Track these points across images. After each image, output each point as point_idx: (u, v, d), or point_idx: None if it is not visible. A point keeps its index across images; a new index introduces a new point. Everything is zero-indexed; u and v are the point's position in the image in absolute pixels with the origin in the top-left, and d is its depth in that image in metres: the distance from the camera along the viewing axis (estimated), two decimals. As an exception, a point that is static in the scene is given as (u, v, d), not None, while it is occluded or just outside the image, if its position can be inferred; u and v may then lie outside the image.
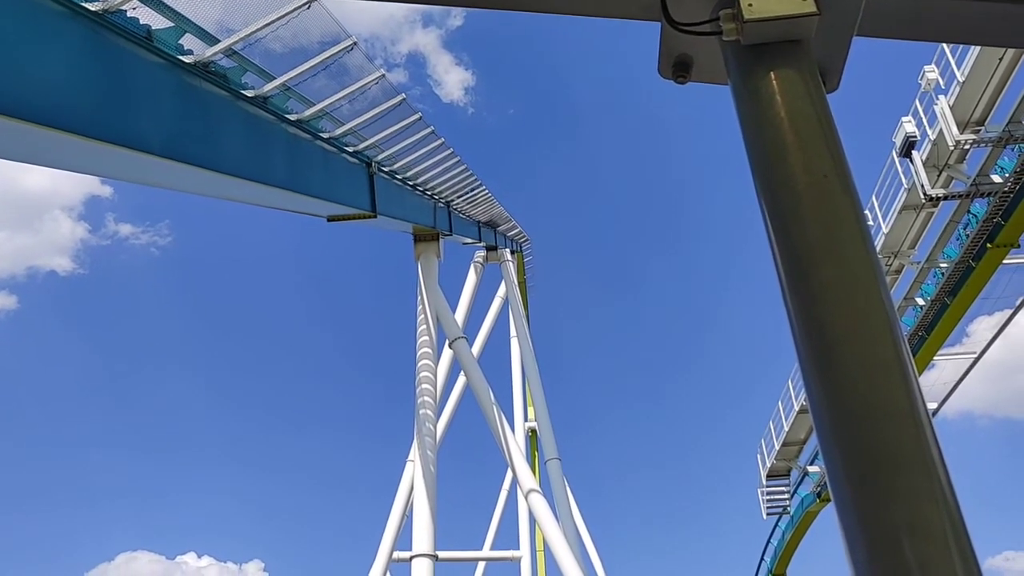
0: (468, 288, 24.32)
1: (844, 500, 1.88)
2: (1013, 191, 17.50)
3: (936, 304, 20.87)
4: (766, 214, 2.27)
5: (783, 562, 34.28)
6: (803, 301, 2.06)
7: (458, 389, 26.08)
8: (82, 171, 7.63)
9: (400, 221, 15.77)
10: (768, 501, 32.74)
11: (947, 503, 1.81)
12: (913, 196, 19.52)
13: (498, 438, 18.20)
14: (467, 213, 21.09)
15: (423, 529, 15.85)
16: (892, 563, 1.76)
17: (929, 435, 1.87)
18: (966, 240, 19.02)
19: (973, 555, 1.79)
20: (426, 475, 16.37)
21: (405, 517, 22.19)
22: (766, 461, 31.71)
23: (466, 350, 19.07)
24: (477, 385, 18.57)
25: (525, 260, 33.15)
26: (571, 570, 16.74)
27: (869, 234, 2.21)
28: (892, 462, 1.84)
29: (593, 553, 33.54)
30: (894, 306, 2.10)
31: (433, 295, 18.02)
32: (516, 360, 31.74)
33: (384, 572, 23.68)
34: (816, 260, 2.07)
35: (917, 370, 16.78)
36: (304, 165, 11.18)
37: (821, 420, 1.96)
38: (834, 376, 1.97)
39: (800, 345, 2.06)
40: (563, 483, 23.81)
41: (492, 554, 35.56)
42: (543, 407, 25.68)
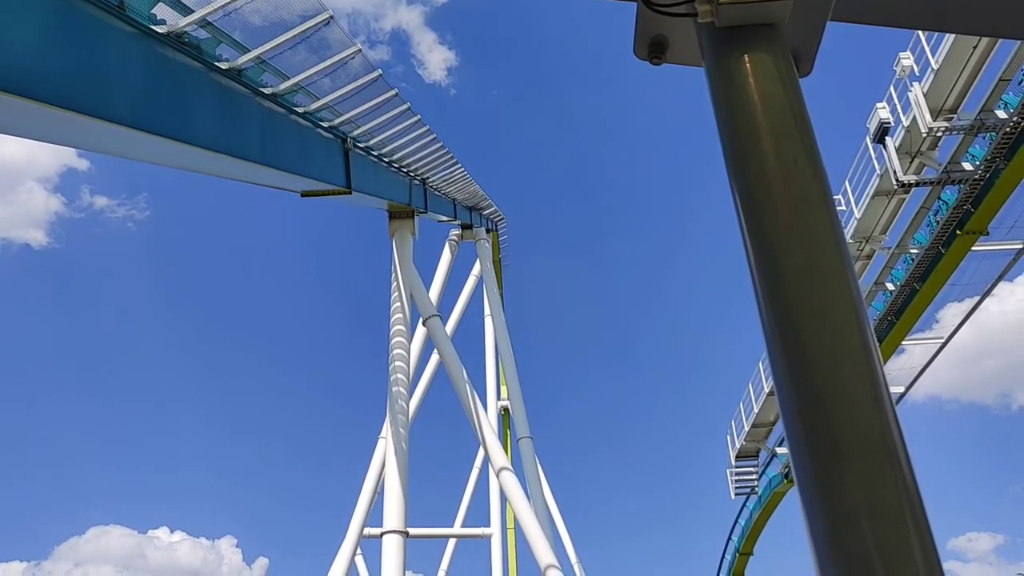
0: (443, 266, 24.27)
1: (806, 482, 1.90)
2: (983, 179, 17.70)
3: (906, 289, 21.10)
4: (737, 197, 2.28)
5: (750, 541, 34.74)
6: (771, 285, 2.08)
7: (431, 367, 26.09)
8: (51, 141, 7.50)
9: (375, 198, 15.67)
10: (737, 481, 33.13)
11: (907, 487, 1.84)
12: (885, 182, 19.69)
13: (471, 416, 18.24)
14: (443, 191, 21.00)
15: (394, 506, 15.87)
16: (851, 545, 1.78)
17: (891, 421, 1.90)
18: (936, 227, 19.22)
19: (931, 538, 1.82)
20: (398, 452, 16.38)
21: (376, 494, 22.22)
22: (735, 442, 32.05)
23: (440, 328, 19.05)
24: (450, 363, 18.57)
25: (500, 239, 33.10)
26: (541, 547, 16.86)
27: (838, 219, 2.22)
28: (854, 446, 1.86)
29: (563, 531, 33.80)
30: (861, 292, 2.12)
31: (407, 272, 17.96)
32: (490, 339, 31.78)
33: (355, 548, 23.73)
34: (785, 245, 2.09)
35: (885, 355, 16.97)
36: (278, 139, 11.06)
37: (787, 404, 1.98)
38: (800, 361, 1.99)
39: (768, 329, 2.08)
40: (534, 462, 23.92)
41: (463, 531, 35.74)
42: (516, 386, 25.75)
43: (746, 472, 32.93)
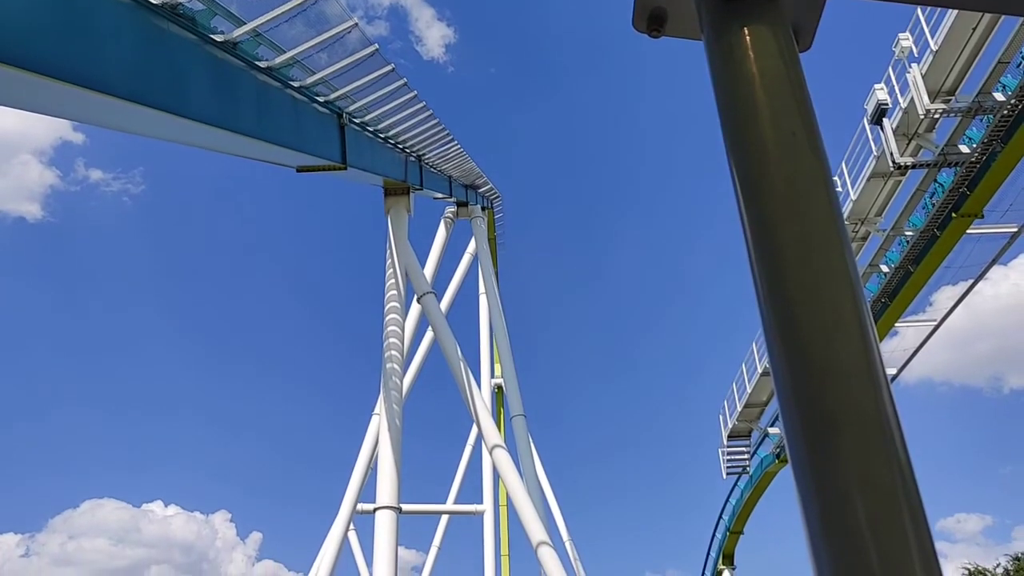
0: (438, 243, 24.24)
1: (799, 457, 1.90)
2: (980, 162, 17.68)
3: (900, 272, 21.14)
4: (734, 171, 2.26)
5: (741, 520, 34.99)
6: (767, 260, 2.06)
7: (425, 344, 26.13)
8: (45, 112, 7.44)
9: (370, 174, 15.61)
10: (728, 461, 33.31)
11: (900, 463, 1.84)
12: (882, 164, 19.67)
13: (464, 394, 18.27)
14: (438, 168, 20.92)
15: (387, 482, 15.92)
16: (844, 520, 1.78)
17: (885, 396, 1.89)
18: (932, 209, 19.22)
19: (923, 513, 1.82)
20: (391, 428, 16.40)
21: (370, 470, 22.32)
22: (728, 422, 32.19)
23: (434, 305, 19.05)
24: (444, 340, 18.58)
25: (496, 217, 33.05)
26: (533, 524, 16.96)
27: (835, 194, 2.21)
28: (848, 421, 1.86)
29: (555, 508, 34.00)
30: (857, 266, 2.12)
31: (402, 249, 17.92)
32: (484, 317, 31.80)
33: (348, 523, 23.89)
34: (781, 218, 2.07)
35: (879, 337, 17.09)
36: (273, 114, 10.99)
37: (780, 378, 1.97)
38: (794, 335, 1.98)
39: (763, 303, 2.07)
40: (527, 439, 24.01)
41: (456, 507, 35.93)
42: (510, 364, 25.81)
43: (738, 452, 33.10)
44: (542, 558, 16.51)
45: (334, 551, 23.61)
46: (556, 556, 16.67)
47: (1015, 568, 49.70)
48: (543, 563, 16.54)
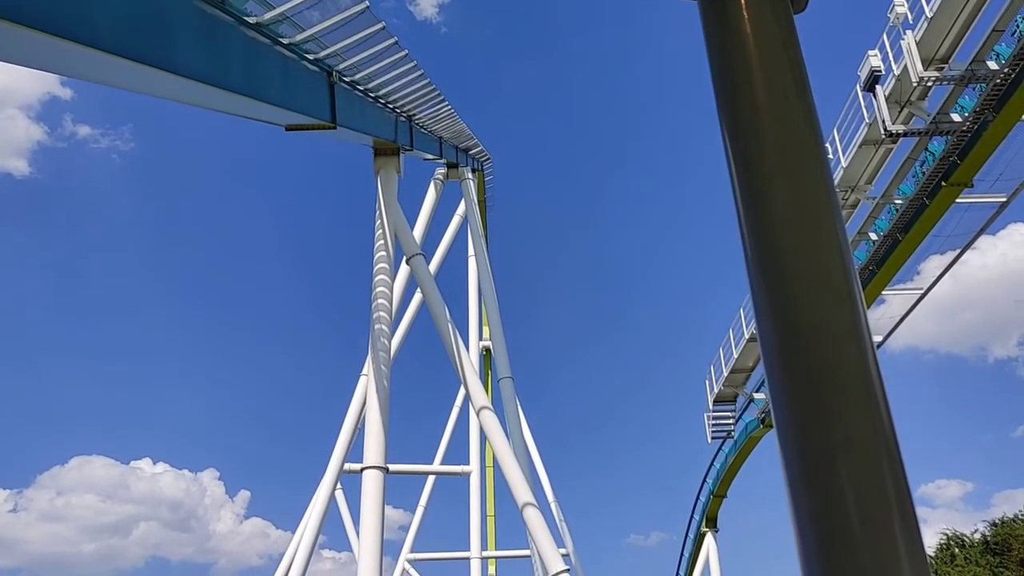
0: (427, 205, 24.10)
1: (784, 417, 1.91)
2: (971, 131, 17.67)
3: (888, 240, 21.19)
4: (725, 132, 2.25)
5: (725, 484, 35.38)
6: (756, 221, 2.07)
7: (414, 306, 26.11)
8: (29, 65, 7.32)
9: (360, 133, 15.47)
10: (714, 425, 33.62)
11: (882, 424, 1.86)
12: (874, 131, 19.63)
13: (452, 356, 18.30)
14: (429, 129, 20.75)
15: (374, 442, 15.98)
16: (825, 479, 1.80)
17: (870, 358, 1.91)
18: (922, 178, 19.23)
19: (904, 474, 1.84)
20: (379, 389, 16.43)
21: (357, 430, 22.41)
22: (714, 387, 32.43)
23: (423, 267, 18.99)
24: (433, 302, 18.56)
25: (486, 179, 32.92)
26: (519, 485, 17.09)
27: (825, 157, 2.20)
28: (832, 382, 1.87)
29: (541, 470, 34.29)
30: (845, 227, 2.12)
31: (392, 210, 17.82)
32: (473, 279, 31.77)
33: (335, 483, 24.03)
34: (771, 179, 2.07)
35: (866, 303, 17.10)
36: (262, 71, 10.85)
37: (767, 339, 1.98)
38: (782, 296, 1.98)
39: (751, 264, 2.07)
40: (515, 401, 24.11)
41: (442, 468, 36.18)
42: (498, 326, 25.83)
43: (723, 417, 33.39)
44: (527, 519, 16.66)
45: (321, 510, 23.79)
46: (541, 517, 16.83)
47: (993, 534, 50.48)
48: (528, 524, 16.69)
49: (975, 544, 51.77)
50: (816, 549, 1.83)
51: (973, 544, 52.00)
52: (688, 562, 37.60)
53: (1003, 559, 47.99)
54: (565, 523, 33.74)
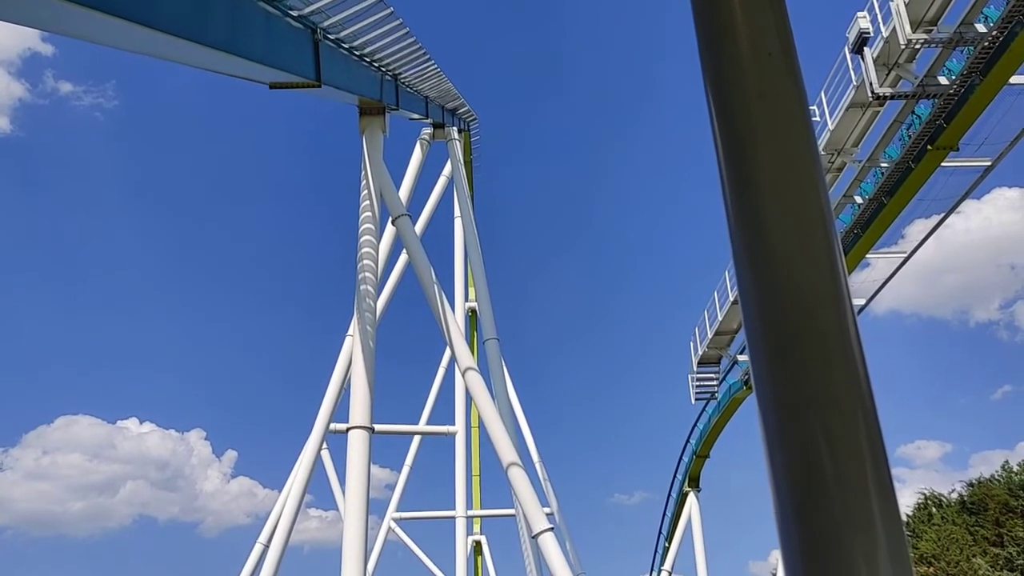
0: (413, 165, 23.94)
1: (762, 375, 1.93)
2: (958, 94, 17.66)
3: (873, 203, 21.25)
4: (709, 90, 2.24)
5: (708, 444, 35.76)
6: (738, 180, 2.06)
7: (399, 267, 26.05)
8: (3, 19, 7.19)
9: (345, 92, 15.31)
10: (697, 387, 33.88)
11: (858, 379, 1.87)
12: (861, 94, 19.59)
13: (438, 317, 18.31)
14: (415, 88, 20.56)
15: (360, 402, 16.03)
16: (801, 434, 1.82)
17: (849, 316, 1.92)
18: (908, 141, 19.25)
19: (879, 432, 1.86)
20: (364, 350, 16.45)
21: (343, 390, 22.46)
22: (698, 349, 32.64)
23: (409, 228, 18.92)
24: (419, 263, 18.53)
25: (472, 140, 32.72)
26: (504, 445, 17.21)
27: (809, 117, 2.20)
28: (810, 339, 1.88)
29: (526, 430, 34.54)
30: (828, 190, 2.12)
31: (377, 170, 17.70)
32: (459, 240, 31.71)
33: (321, 442, 24.14)
34: (754, 138, 2.06)
35: (849, 268, 17.14)
36: (245, 27, 10.69)
37: (748, 297, 1.99)
38: (763, 254, 1.99)
39: (733, 223, 2.07)
40: (500, 362, 24.19)
41: (428, 428, 36.39)
42: (484, 288, 25.83)
43: (707, 378, 33.65)
44: (512, 478, 16.80)
45: (307, 470, 23.91)
46: (526, 476, 16.98)
47: (970, 494, 51.36)
48: (513, 483, 16.84)
49: (952, 504, 52.70)
50: (791, 505, 1.85)
51: (950, 504, 52.93)
52: (670, 521, 38.11)
53: (979, 518, 48.89)
54: (550, 483, 34.08)
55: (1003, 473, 50.87)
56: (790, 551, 1.85)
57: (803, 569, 1.82)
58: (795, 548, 1.84)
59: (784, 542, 1.88)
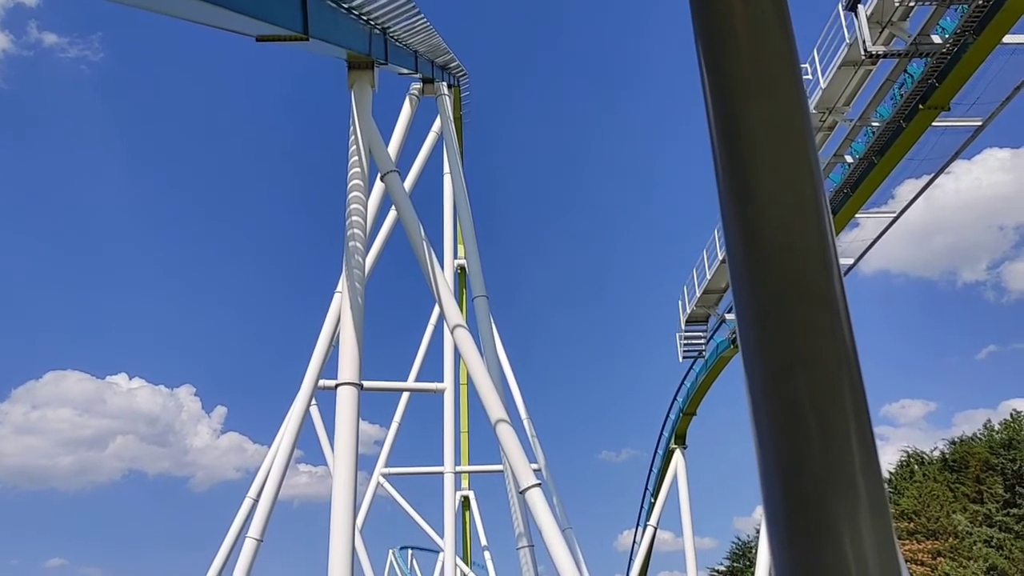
0: (402, 121, 23.72)
1: (748, 332, 1.93)
2: (951, 53, 17.57)
3: (864, 162, 21.23)
4: (700, 48, 2.21)
5: (694, 402, 36.06)
6: (728, 136, 2.04)
7: (388, 223, 25.96)
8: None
9: (333, 46, 15.10)
10: (685, 345, 34.05)
11: (843, 339, 1.88)
12: (854, 52, 19.45)
13: (427, 274, 18.29)
14: (404, 42, 20.30)
15: (349, 358, 16.05)
16: (785, 393, 1.83)
17: (835, 273, 1.92)
18: (900, 100, 19.18)
19: (862, 388, 1.87)
20: (353, 307, 16.43)
21: (332, 347, 22.50)
22: (686, 307, 32.75)
23: (398, 184, 18.80)
24: (407, 220, 18.45)
25: (462, 95, 32.39)
26: (492, 402, 17.30)
27: (800, 76, 2.17)
28: (795, 296, 1.88)
29: (514, 387, 34.74)
30: (816, 144, 2.10)
31: (366, 126, 17.52)
32: (448, 197, 31.56)
33: (310, 398, 24.25)
34: (745, 96, 2.04)
35: (839, 227, 17.16)
36: (230, -23, 10.49)
37: (734, 253, 1.98)
38: (750, 211, 1.98)
39: (721, 179, 2.06)
40: (489, 320, 24.22)
41: (416, 385, 36.56)
42: (473, 245, 25.78)
43: (695, 336, 33.80)
44: (500, 435, 16.91)
45: (296, 426, 24.02)
46: (514, 433, 17.09)
47: (951, 452, 52.09)
48: (501, 439, 16.96)
49: (934, 462, 53.51)
50: (774, 462, 1.87)
51: (932, 462, 53.74)
52: (657, 477, 38.56)
53: (960, 476, 49.68)
54: (537, 439, 34.36)
55: (985, 432, 51.61)
56: (772, 507, 1.87)
57: (785, 524, 1.85)
58: (777, 504, 1.86)
59: (767, 498, 1.90)
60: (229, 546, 26.72)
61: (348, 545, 14.65)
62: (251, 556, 22.60)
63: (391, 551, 57.48)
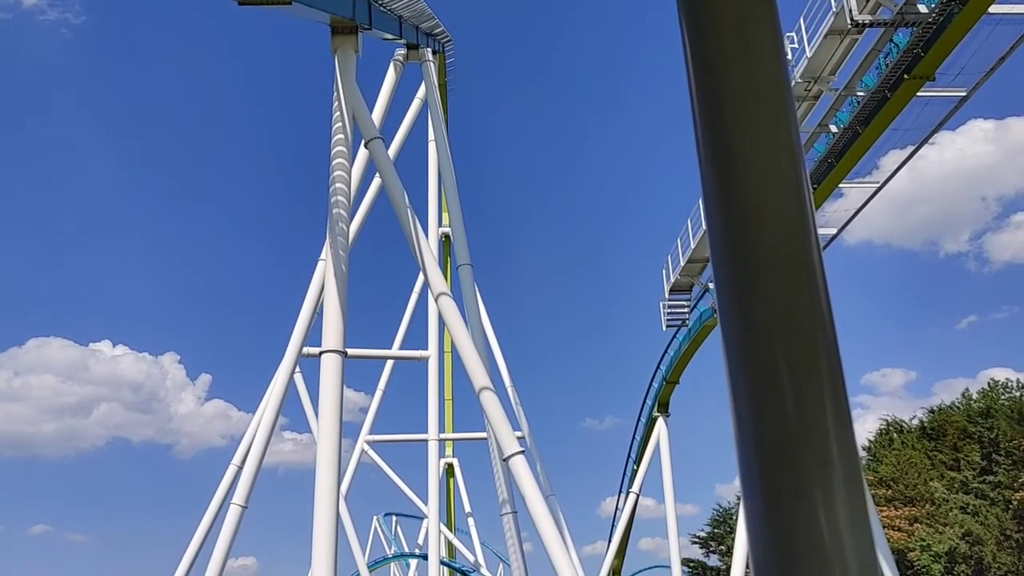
0: (387, 87, 23.49)
1: (726, 299, 1.94)
2: (936, 23, 17.54)
3: (848, 132, 21.24)
4: (683, 16, 2.20)
5: (678, 370, 36.29)
6: (708, 103, 2.04)
7: (373, 190, 25.81)
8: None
9: (315, 10, 14.95)
10: (669, 314, 34.16)
11: (819, 303, 1.90)
12: (840, 21, 19.39)
13: (411, 242, 18.25)
14: (388, 7, 20.09)
15: (332, 326, 16.04)
16: (762, 360, 1.85)
17: (812, 241, 1.93)
18: (885, 70, 19.16)
19: (838, 356, 1.89)
20: (337, 274, 16.38)
21: (316, 314, 22.46)
22: (670, 276, 32.84)
23: (382, 151, 18.69)
24: (392, 187, 18.36)
25: (447, 62, 32.13)
26: (476, 370, 17.37)
27: (781, 37, 2.16)
28: (773, 264, 1.89)
29: (499, 356, 34.85)
30: (796, 115, 2.10)
31: (350, 92, 17.37)
32: (432, 164, 31.40)
33: (294, 365, 24.25)
34: (725, 58, 2.03)
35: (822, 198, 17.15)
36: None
37: (713, 220, 1.99)
38: (729, 178, 1.98)
39: (701, 145, 2.06)
40: (473, 288, 24.23)
41: (401, 353, 36.60)
42: (457, 213, 25.71)
43: (678, 305, 33.92)
44: (484, 402, 17.00)
45: (280, 393, 24.04)
46: (498, 401, 17.18)
47: (930, 420, 52.74)
48: (485, 407, 17.05)
49: (912, 430, 54.19)
50: (749, 426, 1.89)
51: (910, 429, 54.43)
52: (639, 445, 38.89)
53: (937, 444, 50.35)
54: (521, 407, 34.54)
55: (963, 401, 52.24)
56: (747, 471, 1.90)
57: (759, 488, 1.87)
58: (752, 468, 1.88)
59: (742, 463, 1.92)
60: (214, 512, 26.85)
61: (332, 512, 14.74)
62: (236, 522, 22.71)
63: (375, 517, 57.90)
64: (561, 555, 15.50)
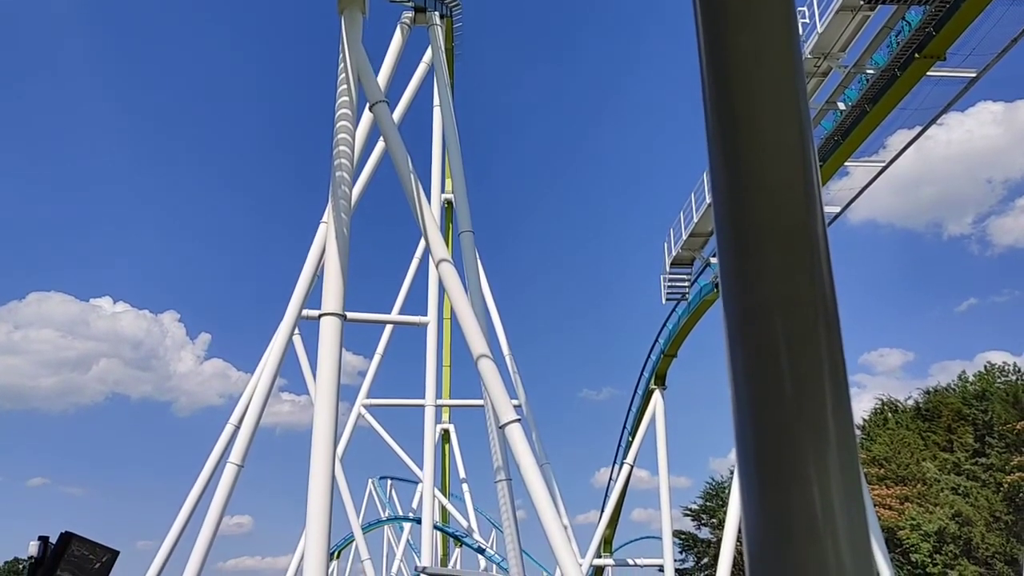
0: (393, 49, 23.28)
1: (728, 272, 1.93)
2: (949, 2, 17.35)
3: (856, 110, 21.07)
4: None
5: (676, 344, 36.32)
6: (717, 73, 2.01)
7: (376, 154, 25.68)
8: None
9: (323, -31, 14.79)
10: (669, 287, 34.10)
11: (822, 279, 1.88)
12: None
13: (413, 207, 18.20)
14: (396, -32, 19.90)
15: (333, 289, 16.03)
16: (762, 333, 1.84)
17: (817, 212, 1.91)
18: (896, 48, 18.97)
19: (838, 331, 1.88)
20: (339, 237, 16.34)
21: (316, 277, 22.46)
22: (672, 249, 32.75)
23: (386, 114, 18.58)
24: (395, 151, 18.28)
25: (455, 26, 31.83)
26: (475, 337, 17.40)
27: (794, 14, 2.13)
28: (776, 235, 1.87)
29: (498, 323, 34.92)
30: (806, 89, 2.07)
31: (356, 53, 17.21)
32: (437, 130, 31.21)
33: (293, 327, 24.30)
34: (734, 28, 2.00)
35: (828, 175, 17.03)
36: None
37: (718, 193, 1.97)
38: (735, 149, 1.96)
39: (709, 115, 2.03)
40: (474, 255, 24.19)
41: (400, 318, 36.63)
42: (461, 180, 25.60)
43: (679, 279, 33.85)
44: (481, 369, 17.04)
45: (279, 354, 24.11)
46: (495, 368, 17.22)
47: (925, 401, 52.91)
48: (482, 374, 17.09)
49: (907, 410, 54.37)
50: (747, 401, 1.89)
51: (905, 410, 54.61)
52: (635, 416, 39.02)
53: (932, 425, 50.55)
54: (519, 375, 34.65)
55: (959, 383, 52.36)
56: (743, 444, 1.89)
57: (755, 462, 1.87)
58: (748, 441, 1.88)
59: (739, 436, 1.92)
60: (210, 470, 27.02)
61: (328, 473, 14.83)
62: (232, 481, 22.87)
63: (370, 480, 58.33)
64: (554, 523, 15.62)
